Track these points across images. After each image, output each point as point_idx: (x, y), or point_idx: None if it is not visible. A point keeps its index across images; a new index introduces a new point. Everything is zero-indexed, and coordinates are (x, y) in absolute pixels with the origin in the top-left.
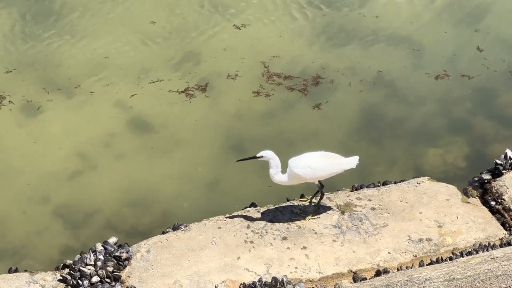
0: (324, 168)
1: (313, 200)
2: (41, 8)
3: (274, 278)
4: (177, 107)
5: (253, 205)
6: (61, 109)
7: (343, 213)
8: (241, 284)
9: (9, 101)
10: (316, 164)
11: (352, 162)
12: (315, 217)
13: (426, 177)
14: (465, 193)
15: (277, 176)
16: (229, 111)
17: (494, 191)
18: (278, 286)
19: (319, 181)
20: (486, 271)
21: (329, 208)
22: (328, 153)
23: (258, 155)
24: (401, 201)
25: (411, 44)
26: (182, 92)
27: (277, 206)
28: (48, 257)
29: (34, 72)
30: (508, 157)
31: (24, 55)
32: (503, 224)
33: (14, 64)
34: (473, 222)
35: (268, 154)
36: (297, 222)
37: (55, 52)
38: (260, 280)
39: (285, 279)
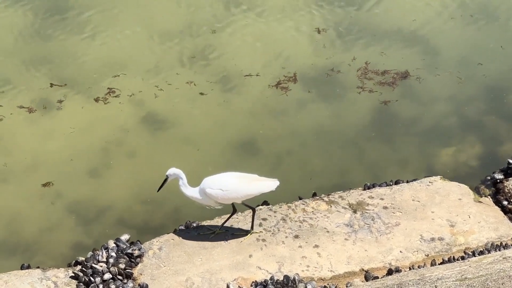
0: (238, 190)
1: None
2: (56, 5)
3: (286, 277)
4: (191, 105)
5: (265, 203)
6: (75, 106)
7: (355, 211)
8: (253, 282)
9: (23, 99)
10: (229, 186)
11: (271, 185)
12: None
13: (439, 176)
14: (478, 192)
15: (187, 190)
16: (245, 108)
17: (507, 190)
18: (290, 284)
19: (233, 204)
20: (498, 270)
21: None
22: (248, 174)
23: (165, 175)
24: (413, 200)
25: (427, 41)
26: (197, 89)
27: (289, 204)
28: (60, 254)
29: (48, 69)
30: None
31: (38, 52)
32: None
33: (28, 60)
34: (485, 221)
35: (172, 172)
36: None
37: (69, 48)
38: (272, 278)
39: (297, 278)
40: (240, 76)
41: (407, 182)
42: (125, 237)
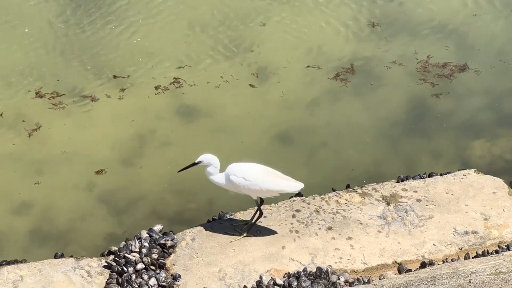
0: (262, 183)
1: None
2: None
3: (319, 268)
4: (225, 95)
5: (299, 194)
6: (108, 97)
7: (388, 204)
8: (285, 273)
9: (56, 90)
10: (254, 177)
11: (295, 186)
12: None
13: (473, 170)
14: None
15: (216, 177)
16: (277, 100)
17: None
18: (322, 276)
19: (258, 197)
20: None
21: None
22: (274, 170)
23: (197, 160)
24: (447, 193)
25: (459, 35)
26: (233, 80)
27: (322, 196)
28: (93, 243)
29: (81, 60)
30: None
31: (71, 43)
32: None
33: (60, 51)
34: None
35: (205, 158)
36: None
37: (103, 39)
38: (304, 270)
39: (329, 269)
40: (279, 67)
41: (441, 175)
42: (158, 227)
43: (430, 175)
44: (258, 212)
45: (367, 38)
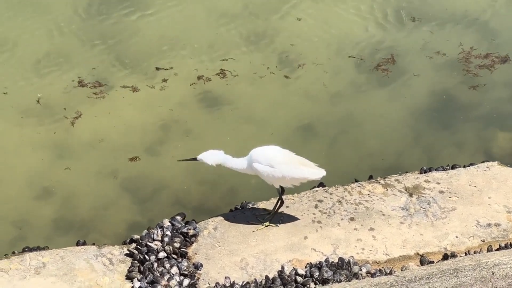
0: (286, 171)
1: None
2: None
3: (341, 259)
4: (250, 86)
5: (321, 185)
6: (133, 84)
7: (411, 195)
8: (307, 263)
9: (80, 77)
10: (278, 165)
11: (317, 173)
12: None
13: (496, 162)
14: None
15: (231, 162)
16: (302, 92)
17: None
18: (344, 266)
19: (279, 186)
20: None
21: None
22: (296, 156)
23: (198, 157)
24: (470, 185)
25: (483, 26)
26: (256, 70)
27: (345, 186)
28: (115, 231)
29: (107, 47)
30: None
31: (98, 30)
32: None
33: (86, 38)
34: None
35: (206, 158)
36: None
37: (129, 27)
38: (326, 260)
39: (351, 260)
40: (303, 57)
41: (464, 166)
42: (180, 216)
43: (453, 167)
44: (280, 201)
45: (403, 28)
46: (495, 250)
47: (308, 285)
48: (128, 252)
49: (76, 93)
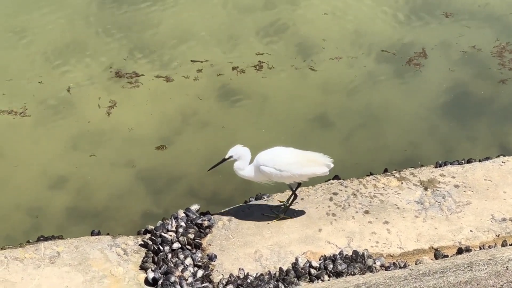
0: (294, 170)
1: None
2: None
3: (355, 252)
4: (264, 77)
5: (336, 177)
6: (150, 75)
7: (426, 189)
8: (321, 256)
9: (112, 67)
10: (285, 165)
11: (324, 169)
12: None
13: None
14: None
15: (245, 171)
16: (316, 84)
17: None
18: (358, 259)
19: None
20: None
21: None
22: (301, 151)
23: (227, 156)
24: (485, 179)
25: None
26: (273, 62)
27: (360, 179)
28: (129, 222)
29: (122, 38)
30: None
31: (114, 21)
32: None
33: (102, 29)
34: None
35: (236, 152)
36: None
37: (145, 18)
38: (341, 253)
39: (365, 253)
40: (319, 50)
41: (479, 161)
42: (194, 207)
43: (468, 161)
44: (294, 196)
45: (435, 22)
46: (510, 245)
47: (322, 278)
48: (143, 243)
49: (109, 83)
